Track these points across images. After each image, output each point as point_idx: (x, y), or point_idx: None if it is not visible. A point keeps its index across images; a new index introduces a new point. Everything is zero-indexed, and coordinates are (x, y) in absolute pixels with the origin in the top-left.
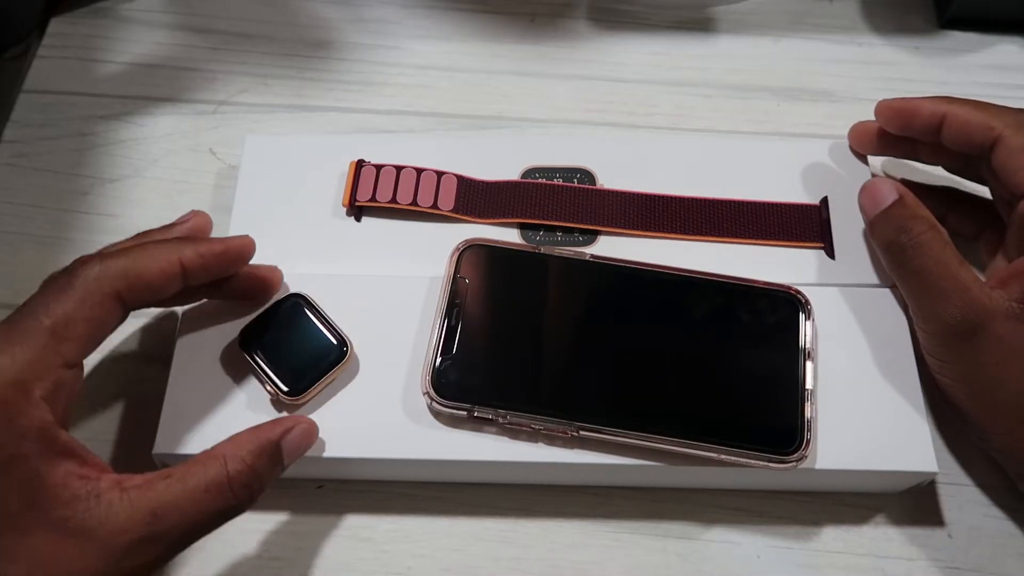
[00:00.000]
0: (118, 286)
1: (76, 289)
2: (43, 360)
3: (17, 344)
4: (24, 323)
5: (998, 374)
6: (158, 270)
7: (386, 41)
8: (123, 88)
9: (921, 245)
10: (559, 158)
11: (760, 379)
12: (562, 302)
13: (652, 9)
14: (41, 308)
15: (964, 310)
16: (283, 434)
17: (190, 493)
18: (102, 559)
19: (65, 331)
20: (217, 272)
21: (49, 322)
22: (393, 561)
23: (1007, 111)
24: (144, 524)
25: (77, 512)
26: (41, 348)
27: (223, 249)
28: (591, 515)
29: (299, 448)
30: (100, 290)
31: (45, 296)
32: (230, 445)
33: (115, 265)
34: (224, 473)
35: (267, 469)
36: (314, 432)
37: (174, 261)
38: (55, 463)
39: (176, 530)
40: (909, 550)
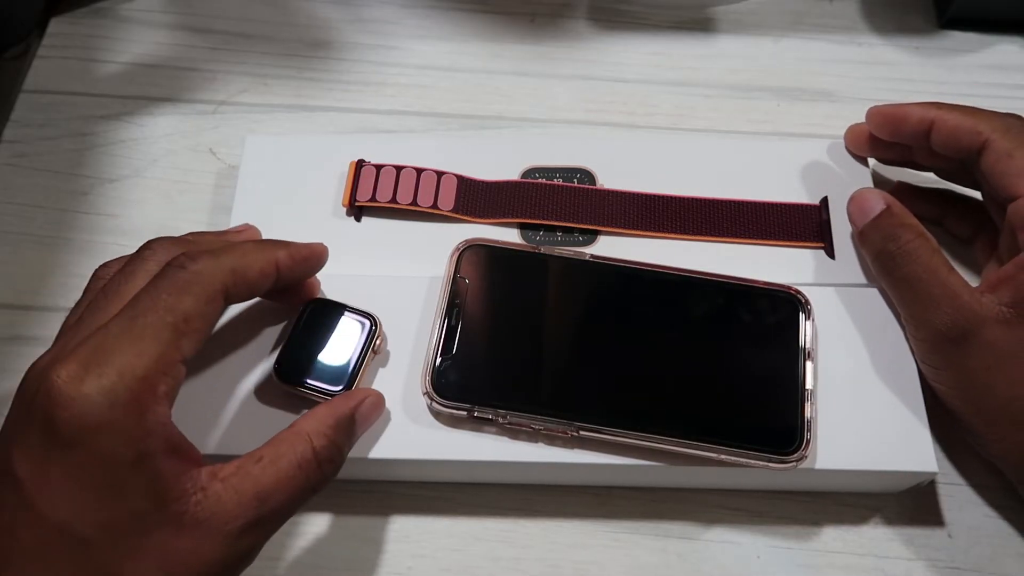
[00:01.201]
0: (227, 282)
1: (193, 285)
2: (167, 357)
3: (143, 340)
4: (147, 318)
5: (989, 379)
6: (259, 269)
7: (386, 41)
8: (123, 88)
9: (910, 253)
10: (559, 158)
11: (760, 379)
12: (562, 302)
13: (652, 9)
14: (162, 303)
15: (954, 316)
16: (356, 407)
17: (286, 472)
18: (218, 548)
19: (185, 327)
20: (300, 275)
21: (171, 319)
22: (393, 561)
23: (995, 115)
24: (251, 508)
25: (190, 506)
26: (165, 345)
27: (308, 253)
28: (591, 515)
29: (369, 419)
30: (213, 286)
31: (160, 290)
32: (311, 421)
33: (226, 262)
34: (311, 449)
35: (346, 441)
36: (382, 403)
37: (272, 262)
38: (171, 460)
39: (279, 509)
40: (909, 550)
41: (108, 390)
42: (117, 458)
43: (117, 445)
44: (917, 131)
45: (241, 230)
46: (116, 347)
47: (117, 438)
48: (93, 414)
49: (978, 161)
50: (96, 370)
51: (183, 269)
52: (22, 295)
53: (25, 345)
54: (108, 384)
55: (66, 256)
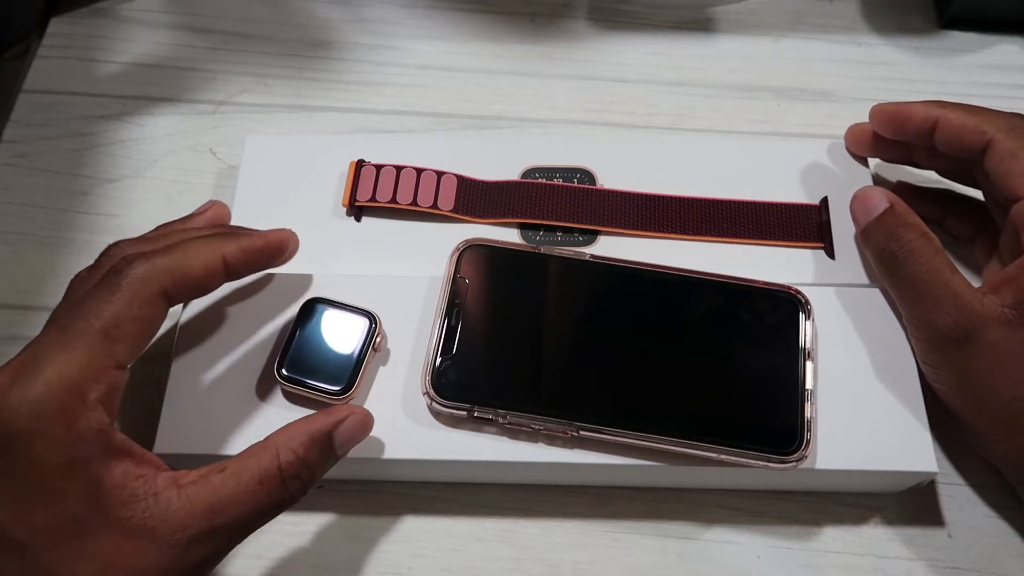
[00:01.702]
0: (164, 284)
1: (124, 289)
2: (97, 363)
3: (71, 348)
4: (76, 326)
5: (991, 381)
6: (202, 267)
7: (386, 41)
8: (123, 88)
9: (912, 252)
10: (559, 158)
11: (760, 379)
12: (562, 302)
13: (652, 9)
14: (91, 310)
15: (956, 317)
16: (335, 425)
17: (245, 486)
18: (165, 556)
19: (116, 332)
20: (257, 267)
21: (100, 324)
22: (393, 561)
23: (998, 115)
24: (203, 519)
25: (137, 512)
26: (94, 351)
27: (263, 244)
28: (591, 515)
29: (352, 439)
30: (148, 289)
31: (93, 297)
32: (282, 435)
33: (161, 264)
34: (276, 464)
35: (318, 461)
36: (369, 423)
37: (218, 258)
38: (113, 464)
39: (234, 523)
40: (909, 550)
41: (32, 400)
42: (47, 465)
43: (46, 452)
44: (921, 129)
45: (204, 210)
46: (46, 356)
47: (45, 446)
48: (18, 423)
49: (981, 161)
50: (23, 381)
51: (118, 274)
52: (22, 295)
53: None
54: (32, 395)
55: (66, 256)
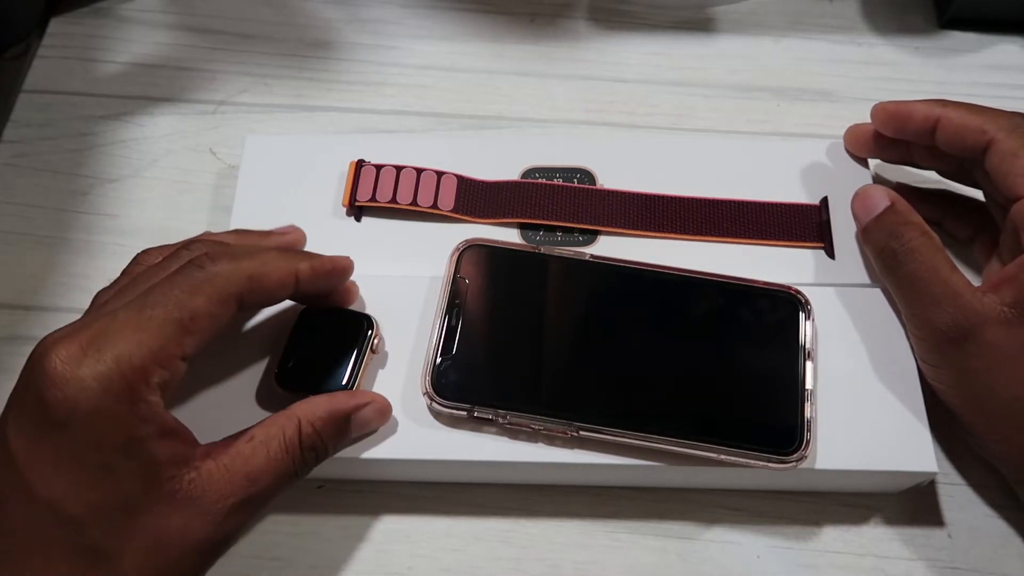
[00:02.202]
0: (242, 288)
1: (205, 284)
2: (167, 351)
3: (146, 331)
4: (152, 311)
5: (990, 380)
6: (278, 279)
7: (386, 41)
8: (123, 88)
9: (913, 251)
10: (559, 158)
11: (760, 379)
12: (562, 302)
13: (652, 9)
14: (170, 298)
15: (956, 316)
16: (356, 408)
17: (275, 455)
18: (208, 524)
19: (191, 324)
20: (321, 288)
21: (178, 314)
22: (393, 561)
23: (1000, 114)
24: (242, 488)
25: (183, 484)
26: (167, 338)
27: (332, 267)
28: (591, 515)
29: (367, 425)
30: (227, 289)
31: (174, 285)
32: (305, 407)
33: (244, 267)
34: (298, 435)
35: (333, 438)
36: (387, 412)
37: (292, 272)
38: (164, 443)
39: (266, 491)
40: (909, 550)
41: (102, 375)
42: (107, 442)
43: (107, 430)
44: (922, 128)
45: (286, 232)
46: (118, 334)
47: (107, 423)
48: (85, 398)
49: (982, 160)
50: (94, 355)
51: (201, 269)
52: (22, 295)
53: (25, 345)
54: (103, 369)
55: (66, 256)
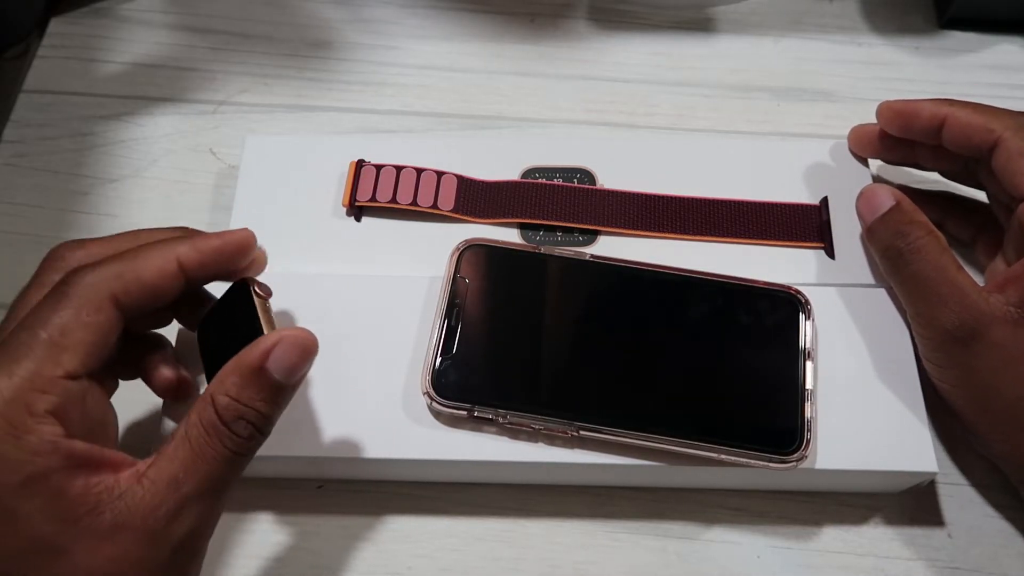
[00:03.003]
0: (114, 289)
1: (71, 297)
2: (42, 373)
3: (14, 361)
4: (18, 337)
5: (995, 380)
6: (155, 269)
7: (386, 41)
8: (123, 88)
9: (918, 250)
10: (559, 158)
11: (760, 379)
12: (562, 302)
13: (652, 9)
14: (37, 321)
15: (962, 315)
16: (262, 354)
17: (196, 445)
18: (145, 543)
19: (64, 340)
20: (219, 269)
21: (45, 334)
22: (393, 561)
23: (1007, 114)
24: (170, 494)
25: (106, 515)
26: (39, 361)
27: (221, 244)
28: (591, 515)
29: (292, 364)
30: (96, 296)
31: (39, 308)
32: (215, 382)
33: (109, 269)
34: (214, 412)
35: (259, 397)
36: (308, 343)
37: (171, 260)
38: (74, 474)
39: (203, 485)
40: (909, 550)
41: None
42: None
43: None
44: (928, 128)
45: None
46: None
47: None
48: None
49: (988, 159)
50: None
51: (65, 284)
52: None
53: None
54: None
55: None
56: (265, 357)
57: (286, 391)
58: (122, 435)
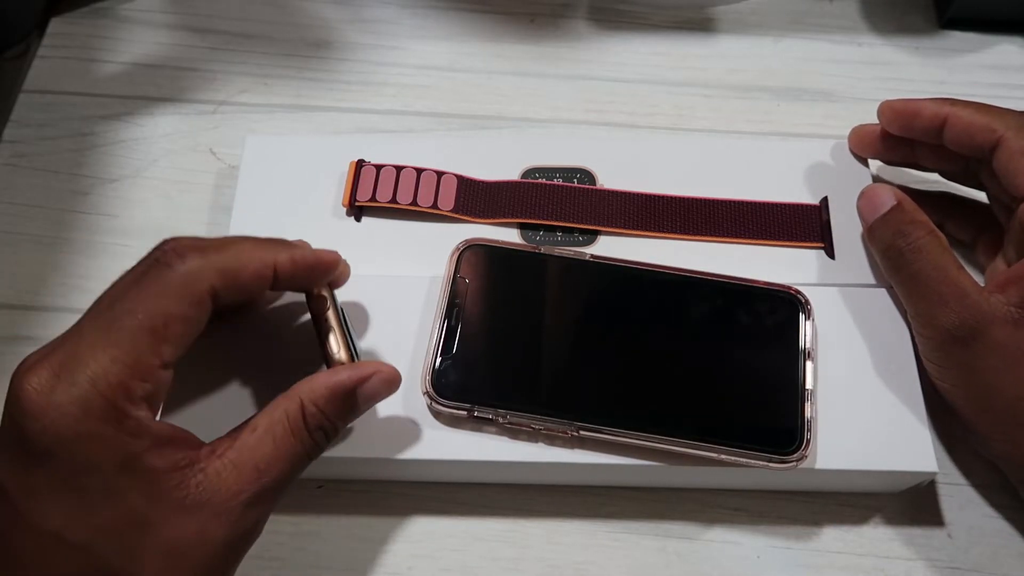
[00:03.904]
0: (215, 283)
1: (175, 286)
2: (144, 363)
3: (117, 345)
4: (122, 321)
5: (996, 380)
6: (253, 271)
7: (386, 41)
8: (123, 88)
9: (919, 250)
10: (559, 158)
11: (760, 379)
12: (562, 302)
13: (652, 9)
14: (140, 305)
15: (962, 315)
16: (360, 381)
17: (281, 441)
18: (224, 525)
19: (165, 331)
20: (302, 282)
21: (149, 322)
22: (393, 561)
23: (1009, 113)
24: (253, 481)
25: (191, 489)
26: (141, 350)
27: (315, 261)
28: (591, 515)
29: (377, 395)
30: (198, 287)
31: (141, 291)
32: (307, 386)
33: (216, 261)
34: (302, 416)
35: (340, 414)
36: (395, 380)
37: (269, 264)
38: (162, 453)
39: (280, 479)
40: (909, 550)
41: (80, 399)
42: (101, 465)
43: (98, 452)
44: (930, 127)
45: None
46: (89, 353)
47: (97, 446)
48: (66, 425)
49: (990, 159)
50: (68, 378)
51: (169, 268)
52: (22, 295)
53: (25, 345)
54: (79, 393)
55: (66, 256)
56: (360, 383)
57: (358, 414)
58: None
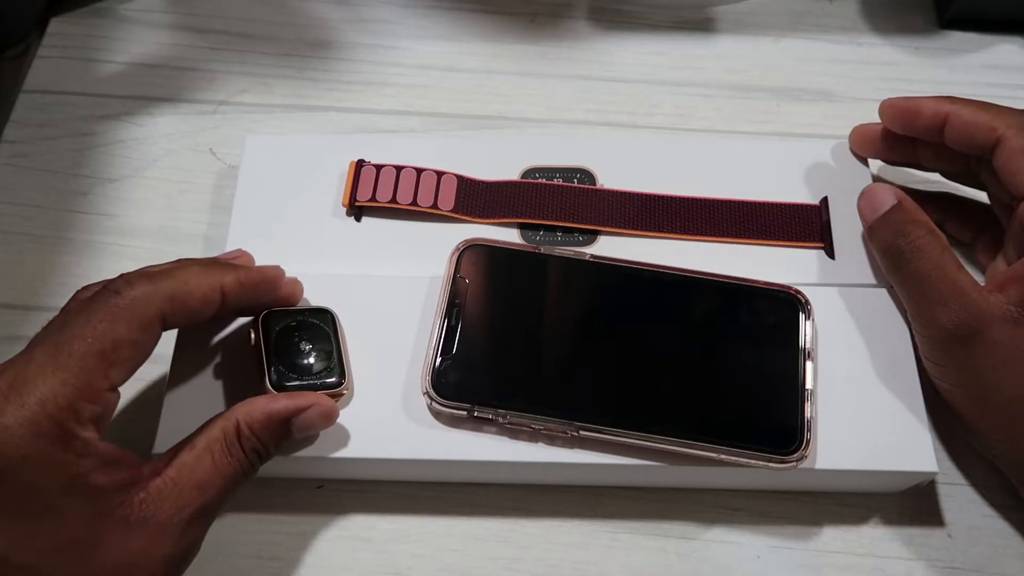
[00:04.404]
0: (164, 309)
1: (124, 311)
2: (93, 386)
3: (67, 368)
4: (71, 345)
5: (996, 379)
6: (201, 295)
7: (386, 41)
8: (123, 88)
9: (919, 249)
10: (559, 158)
11: (760, 379)
12: (562, 302)
13: (652, 9)
14: (89, 330)
15: (962, 314)
16: (296, 411)
17: (218, 460)
18: (167, 541)
19: (114, 355)
20: (250, 300)
21: (99, 347)
22: (393, 561)
23: (1010, 112)
24: (195, 498)
25: (135, 507)
26: (90, 373)
27: (260, 279)
28: (591, 515)
29: (311, 427)
30: (148, 313)
31: (91, 316)
32: (244, 410)
33: (164, 288)
34: (237, 437)
35: (273, 440)
36: (332, 415)
37: (216, 287)
38: (106, 472)
39: (218, 497)
40: (909, 550)
41: (29, 420)
42: (47, 486)
43: (45, 474)
44: (931, 125)
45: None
46: (41, 376)
47: (43, 467)
48: (14, 446)
49: (990, 158)
50: (17, 400)
51: (118, 294)
52: (22, 295)
53: (24, 345)
54: (28, 414)
55: (66, 256)
56: (295, 414)
57: (292, 440)
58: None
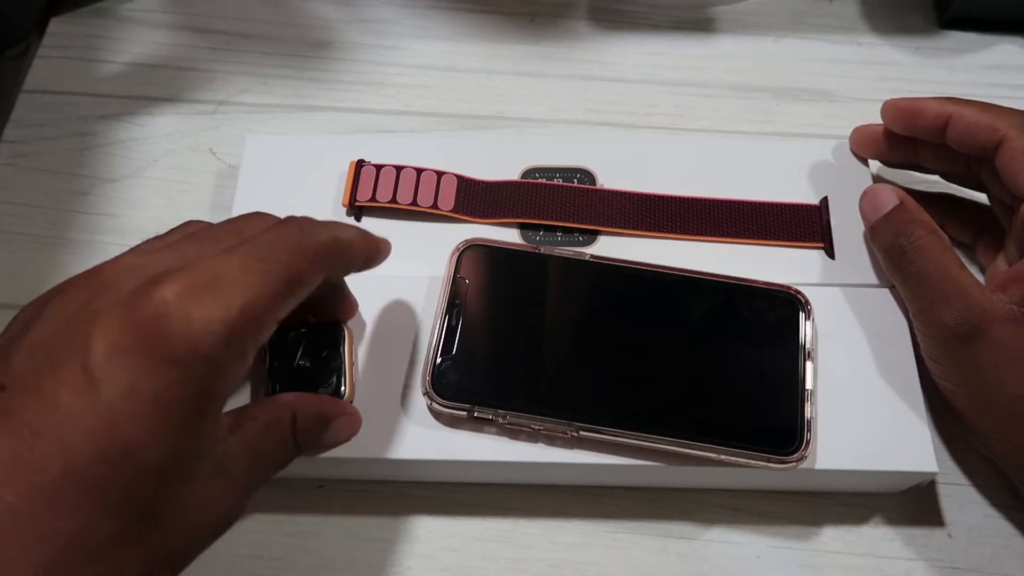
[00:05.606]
0: (335, 257)
1: (309, 249)
2: (274, 311)
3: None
4: (269, 267)
5: (997, 378)
6: (361, 251)
7: (386, 41)
8: (123, 88)
9: (922, 249)
10: (559, 158)
11: (760, 379)
12: (562, 302)
13: (652, 9)
14: (283, 257)
15: (964, 314)
16: (339, 415)
17: (279, 439)
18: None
19: (294, 288)
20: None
21: (288, 275)
22: (393, 561)
23: (1013, 113)
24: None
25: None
26: (276, 298)
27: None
28: (591, 515)
29: (340, 435)
30: (326, 257)
31: (283, 241)
32: (299, 401)
33: (341, 235)
34: (293, 426)
35: (316, 438)
36: (357, 428)
37: (374, 247)
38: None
39: (269, 475)
40: (909, 550)
41: (230, 324)
42: (207, 394)
43: (211, 380)
44: (933, 126)
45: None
46: (238, 283)
47: (216, 376)
48: (208, 343)
49: (992, 158)
50: (213, 300)
51: (302, 231)
52: (22, 295)
53: None
54: (229, 318)
55: (66, 256)
56: (337, 417)
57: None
58: None
